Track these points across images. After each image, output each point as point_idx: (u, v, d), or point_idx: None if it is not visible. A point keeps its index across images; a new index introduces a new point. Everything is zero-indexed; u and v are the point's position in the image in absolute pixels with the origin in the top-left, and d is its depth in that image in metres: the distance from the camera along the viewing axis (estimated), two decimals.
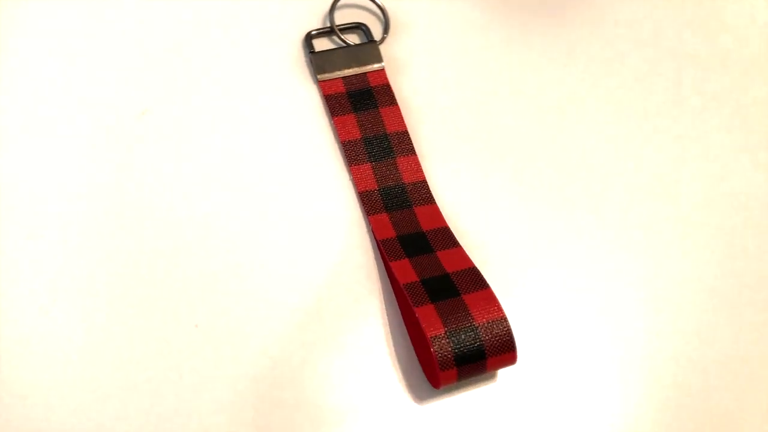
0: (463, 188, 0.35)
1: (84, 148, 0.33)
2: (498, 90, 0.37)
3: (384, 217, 0.33)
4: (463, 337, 0.29)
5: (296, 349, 0.30)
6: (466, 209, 0.34)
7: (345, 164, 0.35)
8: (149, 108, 0.34)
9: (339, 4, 0.38)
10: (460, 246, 0.32)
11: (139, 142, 0.34)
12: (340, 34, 0.37)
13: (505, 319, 0.29)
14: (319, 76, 0.36)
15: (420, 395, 0.30)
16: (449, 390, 0.30)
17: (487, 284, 0.30)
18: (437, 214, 0.34)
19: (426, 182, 0.34)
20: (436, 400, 0.30)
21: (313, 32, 0.37)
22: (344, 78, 0.36)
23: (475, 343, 0.29)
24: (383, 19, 0.38)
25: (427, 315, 0.29)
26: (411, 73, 0.37)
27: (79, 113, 0.34)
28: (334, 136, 0.35)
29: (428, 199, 0.34)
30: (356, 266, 0.32)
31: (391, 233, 0.33)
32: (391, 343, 0.31)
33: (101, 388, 0.29)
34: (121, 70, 0.35)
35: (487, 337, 0.29)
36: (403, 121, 0.36)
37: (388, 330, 0.31)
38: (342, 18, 0.38)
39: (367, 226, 0.33)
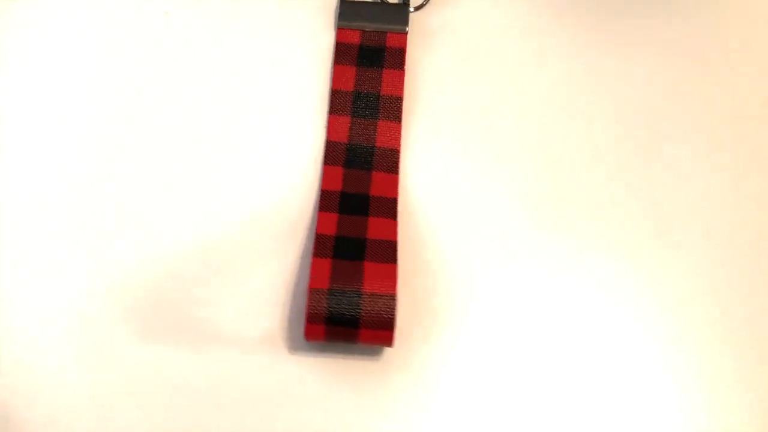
0: (439, 169, 0.34)
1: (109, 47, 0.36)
2: (512, 93, 0.36)
3: (339, 170, 0.33)
4: (343, 299, 0.28)
5: (199, 269, 0.31)
6: (433, 189, 0.33)
7: (327, 113, 0.35)
8: (170, 10, 0.36)
9: None
10: (396, 220, 0.31)
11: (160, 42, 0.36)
12: None
13: (393, 297, 0.29)
14: (339, 23, 0.36)
15: (294, 344, 0.30)
16: (323, 349, 0.30)
17: (395, 261, 0.30)
18: (393, 183, 0.33)
19: (397, 151, 0.34)
20: (306, 353, 0.30)
21: None
22: (363, 32, 0.36)
23: (353, 309, 0.28)
24: None
25: (320, 267, 0.29)
26: (436, 46, 0.37)
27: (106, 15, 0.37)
28: (329, 84, 0.35)
29: (392, 167, 0.33)
30: (291, 208, 0.32)
31: (337, 186, 0.33)
32: (289, 287, 0.31)
33: None
34: None
35: (367, 308, 0.28)
36: (402, 88, 0.35)
37: (293, 273, 0.31)
38: None
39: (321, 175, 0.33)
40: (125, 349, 0.30)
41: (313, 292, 0.29)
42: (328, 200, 0.32)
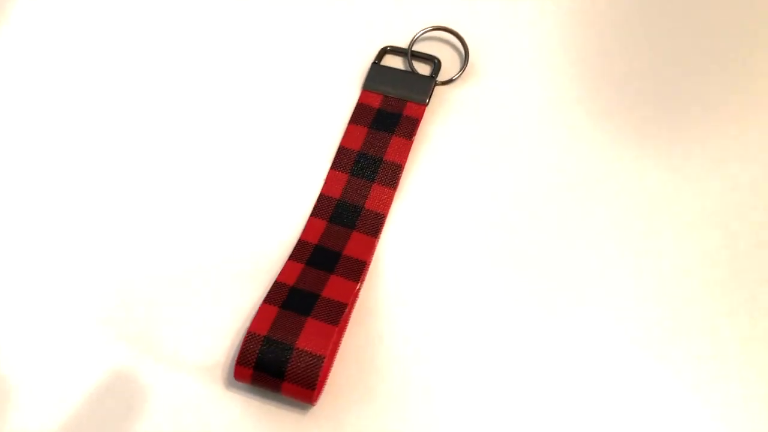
0: (420, 242, 0.34)
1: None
2: (516, 188, 0.36)
3: (322, 223, 0.34)
4: (274, 348, 0.30)
5: (170, 289, 0.33)
6: (408, 261, 0.34)
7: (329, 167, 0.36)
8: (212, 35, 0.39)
9: (435, 35, 0.39)
10: (356, 282, 0.32)
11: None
12: (411, 59, 0.38)
13: (321, 359, 0.29)
14: (365, 84, 0.38)
15: (233, 381, 0.31)
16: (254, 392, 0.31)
17: (338, 322, 0.30)
18: (370, 247, 0.34)
19: (384, 216, 0.34)
20: (243, 392, 0.31)
21: (389, 48, 0.39)
22: (385, 96, 0.37)
23: (281, 360, 0.29)
24: (463, 61, 0.38)
25: (265, 313, 0.31)
26: (456, 122, 0.37)
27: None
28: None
29: (374, 230, 0.34)
30: (269, 251, 0.34)
31: (314, 239, 0.34)
32: (246, 325, 0.32)
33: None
34: None
35: (294, 363, 0.29)
36: (406, 156, 0.36)
37: (248, 309, 0.33)
38: (428, 47, 0.39)
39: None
40: (84, 347, 0.32)
41: (250, 335, 0.30)
42: (300, 250, 0.33)
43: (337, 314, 0.31)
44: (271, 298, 0.31)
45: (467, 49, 0.38)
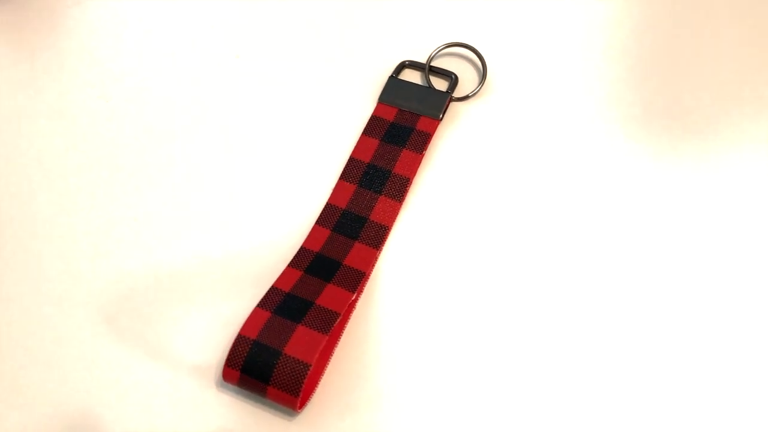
0: (425, 254, 0.34)
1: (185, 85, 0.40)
2: (530, 201, 0.35)
3: (325, 232, 0.35)
4: (262, 353, 0.30)
5: (171, 287, 0.34)
6: (409, 273, 0.34)
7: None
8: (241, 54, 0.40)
9: (455, 51, 0.39)
10: (354, 293, 0.32)
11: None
12: (428, 74, 0.38)
13: (307, 366, 0.29)
14: (380, 97, 0.38)
15: (221, 381, 0.32)
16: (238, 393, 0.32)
17: (328, 331, 0.30)
18: (371, 258, 0.34)
19: (388, 229, 0.35)
20: (234, 393, 0.31)
21: (407, 62, 0.39)
22: (399, 110, 0.37)
23: (268, 365, 0.30)
24: (480, 77, 0.38)
25: (257, 317, 0.31)
26: (469, 139, 0.37)
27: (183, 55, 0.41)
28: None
29: (376, 242, 0.34)
30: (271, 256, 0.34)
31: (316, 247, 0.34)
32: (235, 324, 0.33)
33: None
34: (224, 23, 0.41)
35: (281, 368, 0.30)
36: (415, 170, 0.36)
37: (244, 312, 0.33)
38: (447, 63, 0.39)
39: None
40: (84, 339, 0.33)
41: (240, 337, 0.30)
42: (301, 258, 0.34)
43: (329, 323, 0.31)
44: (265, 302, 0.31)
45: (485, 66, 0.38)
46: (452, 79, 0.38)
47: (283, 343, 0.30)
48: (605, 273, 0.33)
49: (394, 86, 0.38)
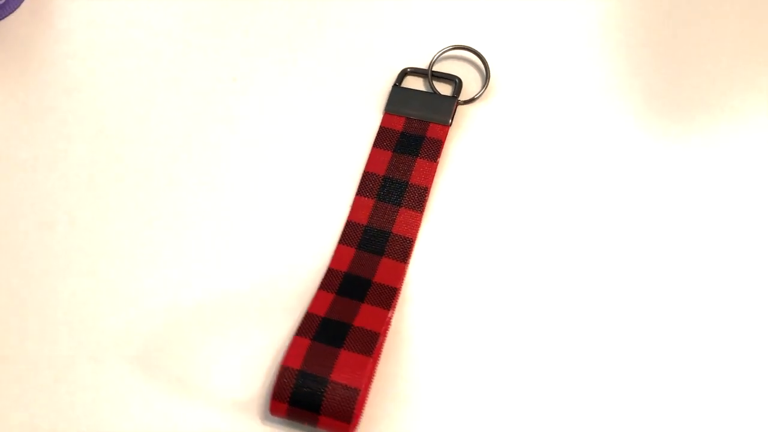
0: (452, 262, 0.34)
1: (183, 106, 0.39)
2: (549, 200, 0.35)
3: (351, 251, 0.34)
4: (309, 382, 0.29)
5: (202, 323, 0.33)
6: (440, 284, 0.34)
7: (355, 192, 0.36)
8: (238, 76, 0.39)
9: (455, 54, 0.39)
10: (388, 310, 0.32)
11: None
12: (432, 80, 0.38)
13: (357, 391, 0.29)
14: (387, 107, 0.37)
15: (269, 415, 0.31)
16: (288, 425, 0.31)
17: (371, 352, 0.30)
18: (400, 272, 0.33)
19: (412, 241, 0.34)
20: (278, 426, 0.31)
21: (409, 69, 0.38)
22: (407, 119, 0.37)
23: (316, 394, 0.29)
24: (484, 79, 0.38)
25: (298, 346, 0.30)
26: (480, 141, 0.37)
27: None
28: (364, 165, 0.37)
29: (403, 256, 0.34)
30: (298, 281, 0.34)
31: (343, 267, 0.33)
32: (278, 358, 0.32)
33: None
34: (222, 46, 0.40)
35: (330, 396, 0.29)
36: (432, 179, 0.35)
37: (280, 341, 0.32)
38: (448, 67, 0.39)
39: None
40: (118, 385, 0.32)
41: (284, 369, 0.30)
42: (330, 279, 0.33)
43: (371, 344, 0.30)
44: (303, 329, 0.31)
45: (488, 67, 0.38)
46: (456, 83, 0.38)
47: (329, 370, 0.29)
48: (625, 270, 0.34)
49: (398, 95, 0.38)
